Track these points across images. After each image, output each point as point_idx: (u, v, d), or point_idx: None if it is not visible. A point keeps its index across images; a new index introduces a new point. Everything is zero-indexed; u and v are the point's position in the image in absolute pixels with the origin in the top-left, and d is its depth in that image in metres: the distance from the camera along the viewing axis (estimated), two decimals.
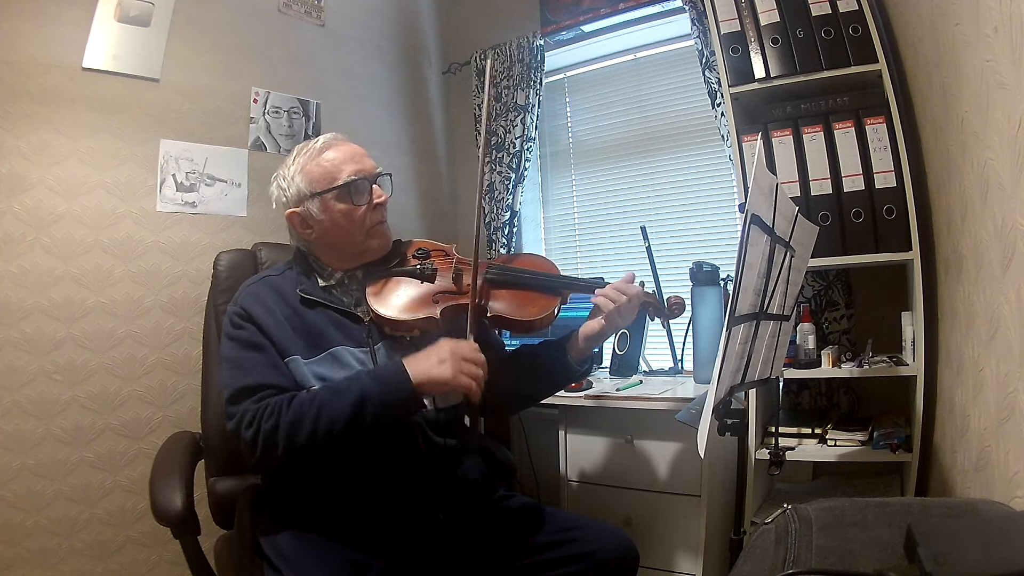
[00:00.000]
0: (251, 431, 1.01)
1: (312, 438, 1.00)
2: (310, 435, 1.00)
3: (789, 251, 1.07)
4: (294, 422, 1.01)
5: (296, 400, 1.03)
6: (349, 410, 1.01)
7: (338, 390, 1.04)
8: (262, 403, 1.03)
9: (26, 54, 1.54)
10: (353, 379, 1.06)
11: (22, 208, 1.54)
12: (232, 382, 1.08)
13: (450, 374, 1.04)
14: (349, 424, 1.01)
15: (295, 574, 1.02)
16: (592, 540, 1.14)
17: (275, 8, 1.99)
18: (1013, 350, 0.89)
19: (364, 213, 1.18)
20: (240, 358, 1.10)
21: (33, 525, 1.52)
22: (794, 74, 1.56)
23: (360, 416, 1.02)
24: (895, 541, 0.55)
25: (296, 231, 1.22)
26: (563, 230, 2.55)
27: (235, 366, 1.10)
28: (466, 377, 1.05)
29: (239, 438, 1.04)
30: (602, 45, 2.36)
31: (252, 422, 1.02)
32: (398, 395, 1.03)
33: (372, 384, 1.04)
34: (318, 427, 1.01)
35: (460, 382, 1.04)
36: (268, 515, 1.13)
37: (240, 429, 1.03)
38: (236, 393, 1.06)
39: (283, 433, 1.00)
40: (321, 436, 1.01)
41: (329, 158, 1.19)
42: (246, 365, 1.09)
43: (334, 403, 1.02)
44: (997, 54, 0.90)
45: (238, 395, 1.06)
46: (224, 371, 1.12)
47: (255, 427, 1.01)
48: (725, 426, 1.03)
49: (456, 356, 1.05)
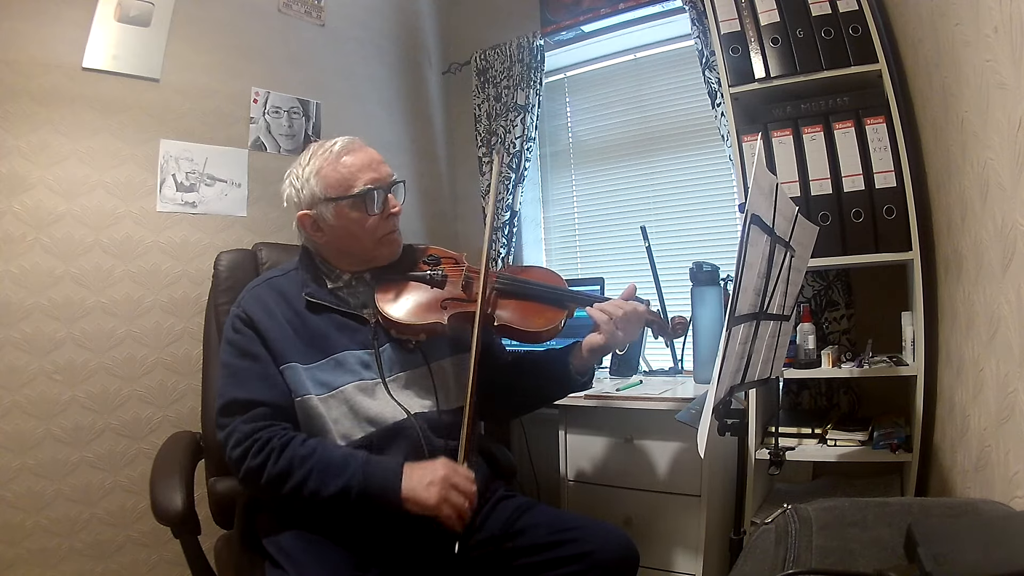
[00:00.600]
0: (238, 453, 1.05)
1: (292, 496, 1.04)
2: (291, 493, 1.03)
3: (789, 251, 1.07)
4: (280, 475, 1.03)
5: (288, 451, 1.05)
6: (332, 492, 1.03)
7: (329, 467, 1.04)
8: (255, 429, 1.06)
9: (26, 54, 1.54)
10: (347, 464, 1.05)
11: (22, 208, 1.54)
12: (225, 391, 1.11)
13: (434, 502, 1.02)
14: (330, 503, 1.03)
15: (297, 570, 1.02)
16: (592, 540, 1.13)
17: (275, 8, 1.99)
18: (1013, 350, 0.89)
19: (377, 222, 1.18)
20: (235, 366, 1.13)
21: (33, 525, 1.52)
22: (794, 74, 1.55)
23: (342, 501, 1.03)
24: (895, 541, 0.55)
25: (306, 233, 1.22)
26: (563, 230, 2.55)
27: (230, 374, 1.13)
28: (449, 508, 1.03)
29: (226, 455, 1.08)
30: (602, 45, 2.36)
31: (239, 445, 1.05)
32: (382, 501, 1.03)
33: (362, 481, 1.03)
34: (300, 491, 1.03)
35: (441, 511, 1.03)
36: (268, 515, 1.13)
37: (227, 446, 1.07)
38: (228, 404, 1.09)
39: (267, 477, 1.04)
40: (301, 499, 1.04)
41: (346, 164, 1.18)
42: (240, 375, 1.11)
43: (322, 478, 1.03)
44: (997, 54, 0.90)
45: (230, 407, 1.09)
46: (220, 377, 1.15)
47: (241, 452, 1.05)
48: (725, 426, 1.03)
49: (446, 484, 1.04)
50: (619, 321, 1.20)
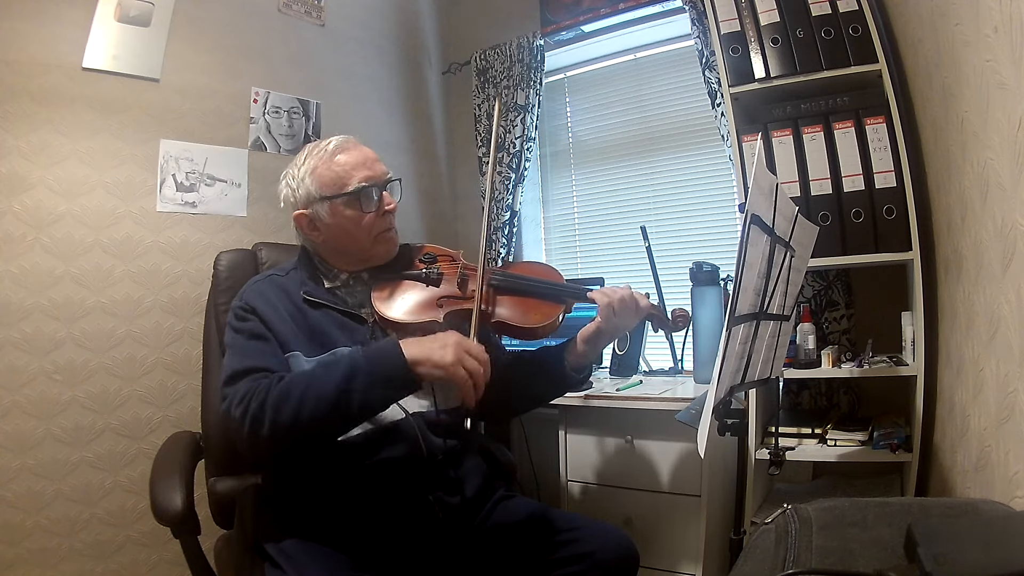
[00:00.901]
0: (240, 408, 0.99)
1: (297, 414, 0.96)
2: (295, 411, 0.96)
3: (789, 251, 1.07)
4: (281, 397, 0.98)
5: (287, 378, 1.02)
6: (337, 384, 0.97)
7: (329, 365, 1.03)
8: (255, 383, 1.02)
9: (26, 54, 1.54)
10: (346, 355, 1.04)
11: (22, 208, 1.54)
12: (230, 364, 1.07)
13: (451, 360, 0.99)
14: (337, 399, 0.97)
15: (297, 571, 1.02)
16: (592, 540, 1.13)
17: (275, 8, 1.99)
18: (1013, 350, 0.89)
19: (372, 220, 1.19)
20: (243, 345, 1.10)
21: (33, 525, 1.52)
22: (794, 74, 1.55)
23: (348, 390, 0.97)
24: (895, 541, 0.55)
25: (303, 232, 1.22)
26: (563, 230, 2.55)
27: (237, 351, 1.09)
28: (465, 370, 1.00)
29: (230, 418, 1.01)
30: (602, 45, 2.36)
31: (242, 400, 1.00)
32: (389, 370, 0.99)
33: (363, 359, 1.01)
34: (304, 402, 0.97)
35: (458, 373, 0.99)
36: (268, 515, 1.13)
37: (231, 408, 1.01)
38: (233, 375, 1.05)
39: (269, 410, 0.97)
40: (307, 412, 0.97)
41: (340, 162, 1.19)
42: (248, 350, 1.08)
43: (322, 378, 0.99)
44: (997, 54, 0.90)
45: (234, 376, 1.04)
46: (226, 359, 1.11)
47: (244, 405, 0.99)
48: (725, 426, 1.03)
49: (460, 347, 1.01)
50: (616, 303, 1.18)
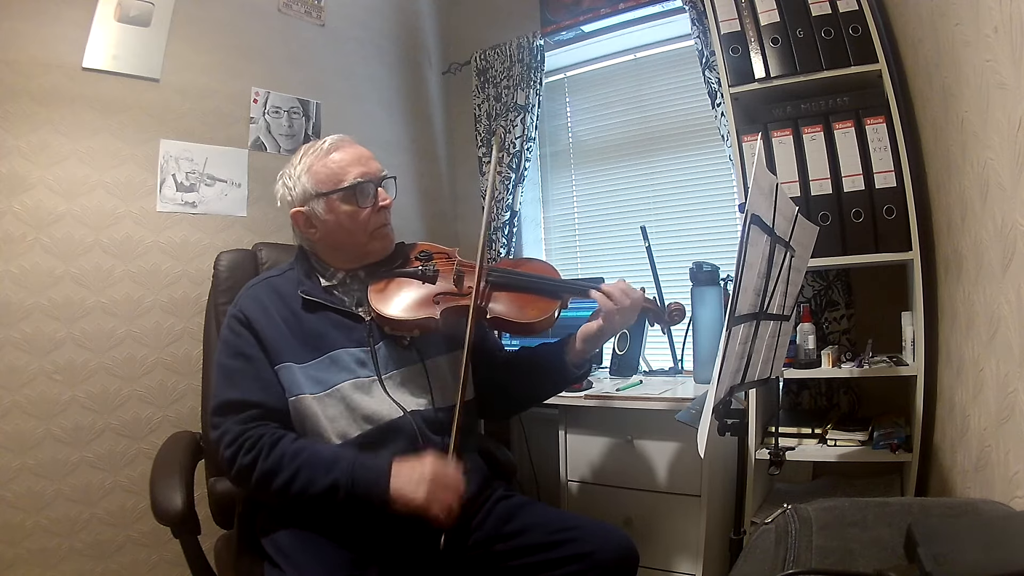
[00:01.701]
0: (230, 452, 1.07)
1: (282, 493, 1.04)
2: (280, 490, 1.04)
3: (789, 251, 1.07)
4: (269, 471, 1.05)
5: (278, 448, 1.06)
6: (320, 489, 1.03)
7: (319, 463, 1.05)
8: (246, 429, 1.07)
9: (26, 54, 1.54)
10: (336, 461, 1.05)
11: (22, 208, 1.54)
12: (219, 392, 1.13)
13: (421, 500, 1.03)
14: (318, 500, 1.04)
15: (296, 570, 1.02)
16: (591, 540, 1.13)
17: (275, 8, 1.99)
18: (1013, 350, 0.89)
19: (368, 215, 1.20)
20: (229, 367, 1.14)
21: (33, 525, 1.52)
22: (794, 74, 1.55)
23: (330, 499, 1.03)
24: (895, 541, 0.55)
25: (300, 230, 1.23)
26: (563, 230, 2.55)
27: (224, 375, 1.14)
28: (438, 506, 1.03)
29: (219, 453, 1.09)
30: (602, 45, 2.36)
31: (232, 444, 1.07)
32: (370, 500, 1.04)
33: (349, 479, 1.04)
34: (290, 488, 1.04)
35: (430, 510, 1.03)
36: (268, 514, 1.13)
37: (221, 446, 1.08)
38: (222, 405, 1.11)
39: (257, 475, 1.05)
40: (290, 496, 1.04)
41: (336, 159, 1.20)
42: (234, 377, 1.13)
43: (311, 475, 1.04)
44: (997, 54, 0.90)
45: (224, 408, 1.10)
46: (214, 377, 1.16)
47: (233, 451, 1.06)
48: (725, 426, 1.03)
49: (436, 483, 1.04)
50: (615, 297, 1.20)
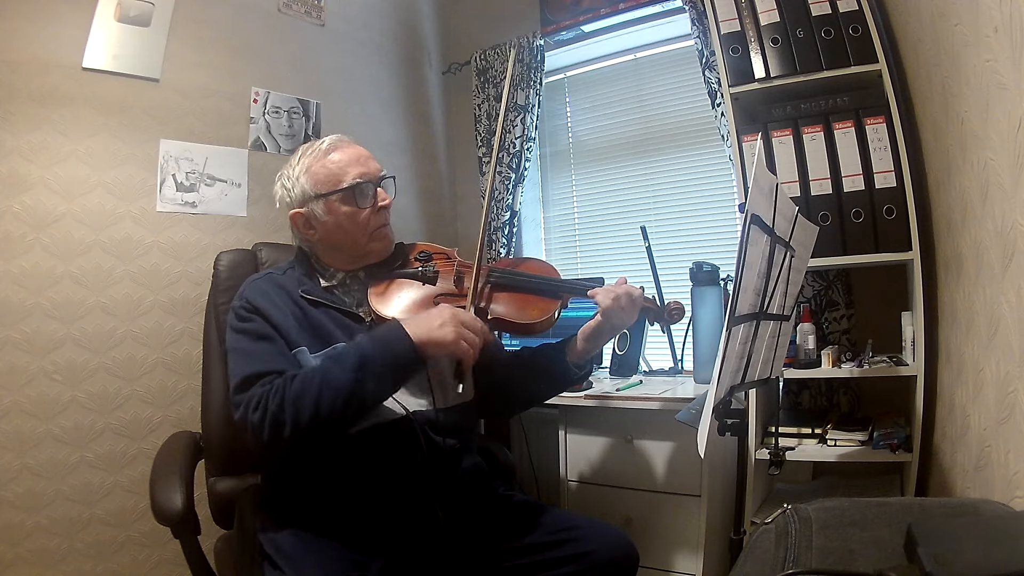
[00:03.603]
0: (258, 413, 1.00)
1: (316, 410, 0.99)
2: (314, 407, 0.99)
3: (789, 251, 1.07)
4: (298, 396, 0.99)
5: (299, 375, 1.03)
6: (351, 375, 1.00)
7: (338, 357, 1.04)
8: (266, 386, 1.03)
9: (26, 54, 1.54)
10: (352, 345, 1.06)
11: (22, 208, 1.54)
12: (239, 370, 1.07)
13: (452, 337, 1.04)
14: (353, 389, 1.00)
15: (296, 571, 1.02)
16: (591, 540, 1.14)
17: (275, 8, 1.99)
18: (1013, 350, 0.89)
19: (368, 216, 1.19)
20: (249, 348, 1.10)
21: (33, 525, 1.52)
22: (794, 74, 1.55)
23: (362, 380, 1.01)
24: (895, 541, 0.55)
25: (299, 231, 1.23)
26: (563, 230, 2.55)
27: (244, 355, 1.09)
28: (465, 344, 1.05)
29: (247, 424, 1.02)
30: (602, 45, 2.36)
31: (259, 405, 1.01)
32: (398, 355, 1.03)
33: (371, 346, 1.03)
34: (322, 397, 0.99)
35: (460, 348, 1.05)
36: (268, 514, 1.13)
37: (248, 413, 1.02)
38: (243, 380, 1.05)
39: (289, 410, 0.99)
40: (326, 407, 0.99)
41: (334, 160, 1.19)
42: (255, 354, 1.09)
43: (335, 371, 1.01)
44: (997, 54, 0.90)
45: (245, 382, 1.05)
46: (232, 361, 1.10)
47: (262, 409, 1.00)
48: (725, 426, 1.03)
49: (456, 320, 1.06)
50: (615, 297, 1.19)
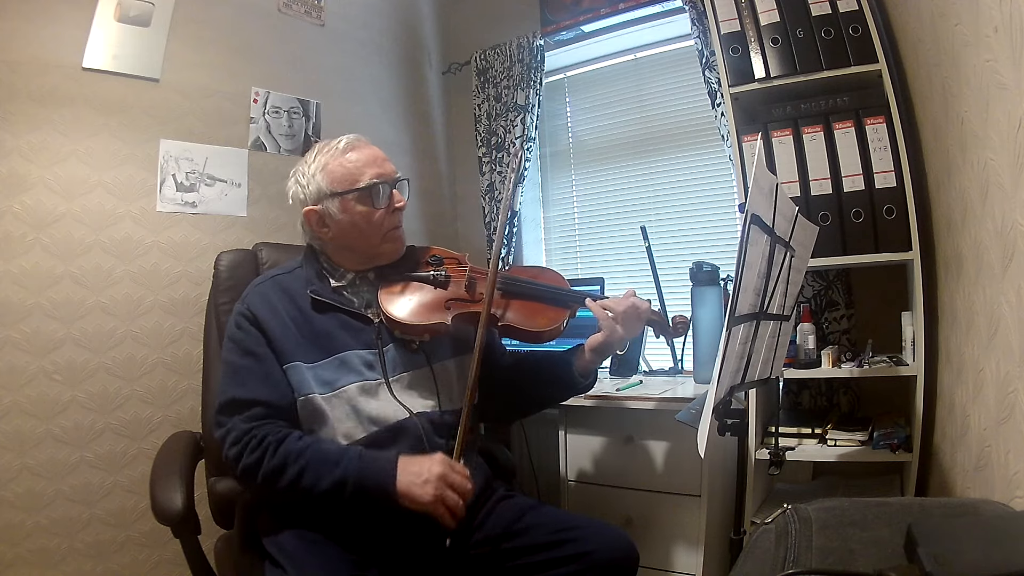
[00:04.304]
0: (235, 451, 1.06)
1: (288, 491, 1.04)
2: (287, 488, 1.04)
3: (789, 251, 1.07)
4: (276, 469, 1.04)
5: (284, 446, 1.05)
6: (327, 486, 1.03)
7: (326, 460, 1.05)
8: (252, 428, 1.06)
9: (26, 54, 1.54)
10: (343, 457, 1.06)
11: (22, 208, 1.54)
12: (225, 390, 1.12)
13: (428, 499, 1.03)
14: (324, 498, 1.04)
15: (297, 570, 1.02)
16: (592, 540, 1.13)
17: (275, 8, 1.99)
18: (1013, 350, 0.89)
19: (382, 216, 1.20)
20: (236, 365, 1.13)
21: (33, 525, 1.52)
22: (794, 74, 1.55)
23: (337, 496, 1.03)
24: (895, 541, 0.55)
25: (312, 229, 1.23)
26: (563, 230, 2.55)
27: (231, 372, 1.13)
28: (443, 507, 1.04)
29: (223, 451, 1.09)
30: (602, 45, 2.36)
31: (237, 443, 1.06)
32: (377, 496, 1.04)
33: (357, 475, 1.04)
34: (296, 486, 1.04)
35: (436, 510, 1.03)
36: (268, 515, 1.13)
37: (225, 444, 1.08)
38: (227, 404, 1.10)
39: (263, 473, 1.04)
40: (297, 494, 1.04)
41: (352, 159, 1.20)
42: (241, 374, 1.12)
43: (317, 471, 1.04)
44: (997, 54, 0.90)
45: (229, 406, 1.10)
46: (221, 375, 1.16)
47: (238, 450, 1.06)
48: (725, 426, 1.03)
49: (441, 482, 1.04)
50: (619, 316, 1.21)
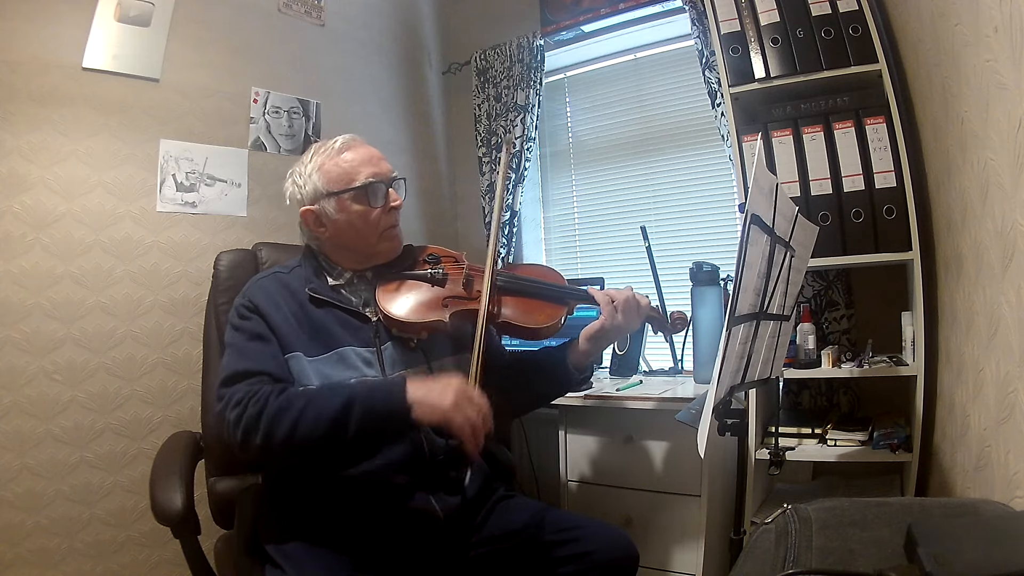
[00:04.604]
0: (235, 412, 1.01)
1: (292, 431, 0.99)
2: (290, 427, 0.99)
3: (789, 251, 1.07)
4: (279, 410, 0.99)
5: (288, 391, 1.03)
6: (334, 410, 1.00)
7: (331, 387, 1.04)
8: (253, 389, 1.03)
9: (26, 54, 1.54)
10: (345, 384, 1.05)
11: (22, 208, 1.54)
12: (229, 365, 1.09)
13: (448, 403, 1.00)
14: (333, 422, 0.99)
15: (297, 570, 1.02)
16: (592, 540, 1.14)
17: (275, 8, 1.99)
18: (1013, 350, 0.89)
19: (379, 215, 1.20)
20: (243, 346, 1.11)
21: (33, 525, 1.52)
22: (794, 74, 1.55)
23: (345, 418, 0.99)
24: (895, 541, 0.55)
25: (309, 229, 1.23)
26: (563, 230, 2.55)
27: (236, 351, 1.11)
28: (463, 417, 1.01)
29: (223, 420, 1.03)
30: (602, 45, 2.36)
31: (239, 403, 1.01)
32: (387, 404, 1.01)
33: (364, 388, 1.03)
34: (300, 421, 0.99)
35: (455, 418, 1.01)
36: (268, 515, 1.13)
37: (226, 410, 1.02)
38: (230, 376, 1.07)
39: (265, 420, 0.99)
40: (302, 431, 0.99)
41: (347, 159, 1.20)
42: (247, 351, 1.10)
43: (322, 399, 1.01)
44: (997, 54, 0.90)
45: (232, 378, 1.06)
46: (225, 356, 1.12)
47: (240, 409, 1.01)
48: (725, 426, 1.03)
49: (462, 394, 1.03)
50: (620, 304, 1.21)
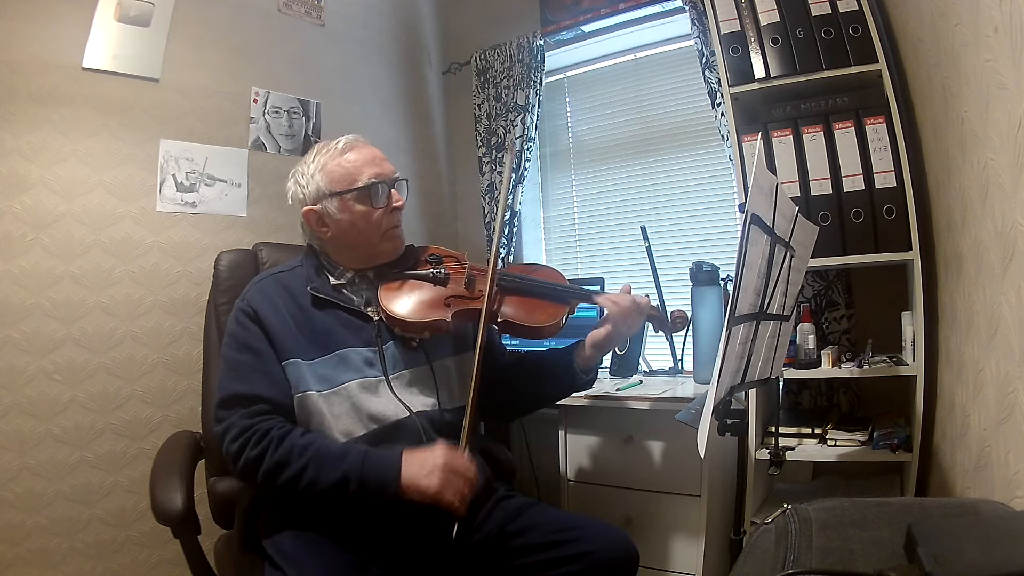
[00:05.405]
0: (236, 446, 1.06)
1: (290, 486, 1.04)
2: (289, 483, 1.04)
3: (789, 251, 1.07)
4: (278, 464, 1.04)
5: (287, 441, 1.05)
6: (331, 482, 1.03)
7: (328, 457, 1.05)
8: (253, 423, 1.06)
9: (26, 54, 1.54)
10: (346, 454, 1.06)
11: (22, 208, 1.54)
12: (226, 385, 1.12)
13: (436, 488, 1.03)
14: (327, 494, 1.04)
15: (297, 571, 1.02)
16: (592, 540, 1.14)
17: (275, 8, 1.99)
18: (1013, 350, 0.89)
19: (381, 216, 1.20)
20: (235, 360, 1.13)
21: (33, 525, 1.52)
22: (794, 74, 1.55)
23: (340, 492, 1.04)
24: (895, 541, 0.55)
25: (311, 229, 1.24)
26: (563, 230, 2.55)
27: (230, 368, 1.14)
28: (451, 493, 1.04)
29: (223, 447, 1.08)
30: (602, 45, 2.36)
31: (238, 438, 1.06)
32: (380, 490, 1.04)
33: (360, 471, 1.04)
34: (298, 481, 1.04)
35: (443, 498, 1.03)
36: (268, 515, 1.13)
37: (225, 439, 1.07)
38: (228, 398, 1.10)
39: (265, 468, 1.04)
40: (299, 489, 1.04)
41: (350, 159, 1.21)
42: (240, 369, 1.12)
43: (321, 468, 1.04)
44: (997, 54, 0.90)
45: (230, 401, 1.10)
46: (221, 371, 1.16)
47: (240, 445, 1.05)
48: (725, 426, 1.03)
49: (447, 470, 1.04)
50: (622, 306, 1.22)
